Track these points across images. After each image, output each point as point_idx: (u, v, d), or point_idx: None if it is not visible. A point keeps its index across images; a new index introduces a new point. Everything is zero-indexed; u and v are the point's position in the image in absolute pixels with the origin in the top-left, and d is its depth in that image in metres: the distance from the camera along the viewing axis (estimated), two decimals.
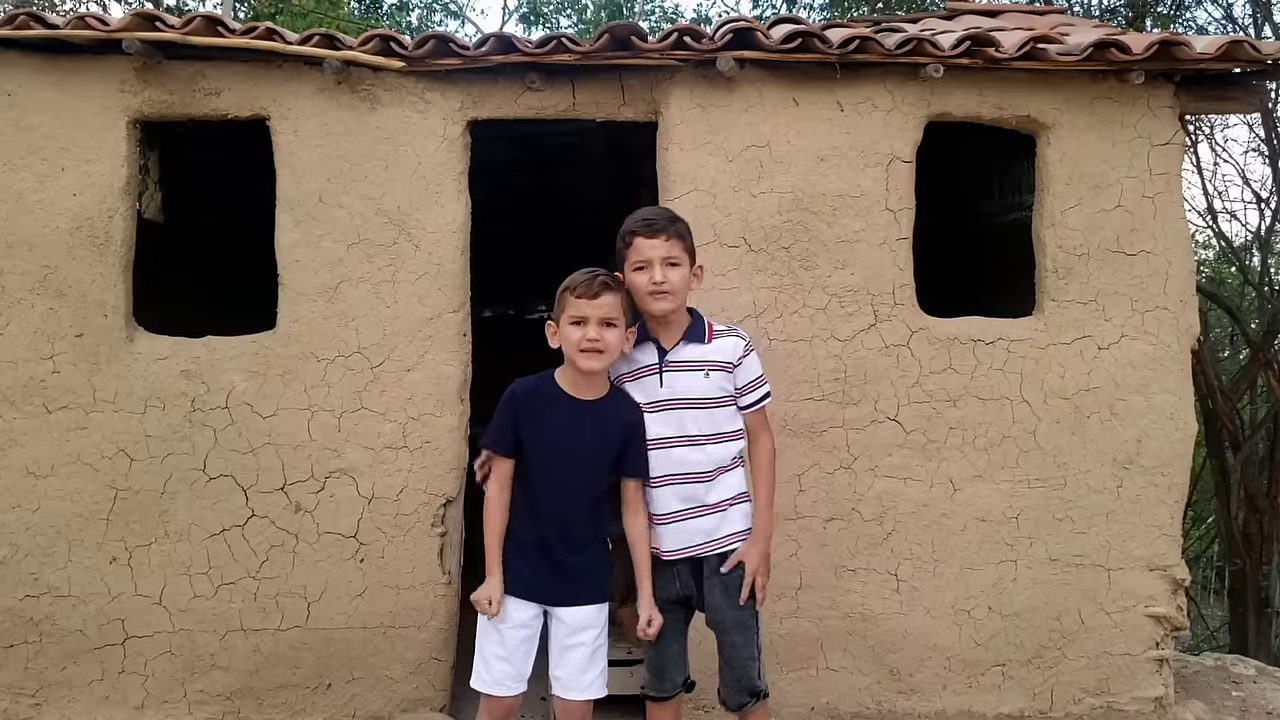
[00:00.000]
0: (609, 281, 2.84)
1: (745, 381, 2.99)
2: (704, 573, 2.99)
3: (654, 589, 3.01)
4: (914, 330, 4.03)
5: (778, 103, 3.99)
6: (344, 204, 3.93)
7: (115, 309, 3.90)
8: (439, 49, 3.83)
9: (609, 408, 2.93)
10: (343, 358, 3.92)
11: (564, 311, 2.85)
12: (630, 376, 3.00)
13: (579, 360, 2.83)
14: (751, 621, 2.99)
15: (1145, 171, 4.09)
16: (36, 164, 3.88)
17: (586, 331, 2.81)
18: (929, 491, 4.04)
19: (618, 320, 2.84)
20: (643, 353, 3.00)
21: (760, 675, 3.01)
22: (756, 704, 3.01)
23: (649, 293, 2.89)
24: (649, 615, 2.94)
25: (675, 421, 2.94)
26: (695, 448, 2.94)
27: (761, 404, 3.02)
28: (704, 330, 3.00)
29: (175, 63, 3.89)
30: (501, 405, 2.92)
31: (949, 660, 4.08)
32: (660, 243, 2.89)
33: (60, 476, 3.89)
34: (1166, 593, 4.14)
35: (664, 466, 2.95)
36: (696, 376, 2.95)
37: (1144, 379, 4.09)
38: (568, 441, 2.87)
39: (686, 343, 2.97)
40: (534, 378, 2.96)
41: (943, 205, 5.81)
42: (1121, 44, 3.88)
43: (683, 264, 2.93)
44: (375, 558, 3.94)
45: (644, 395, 2.98)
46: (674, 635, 3.05)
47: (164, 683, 3.93)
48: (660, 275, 2.87)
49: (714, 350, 2.97)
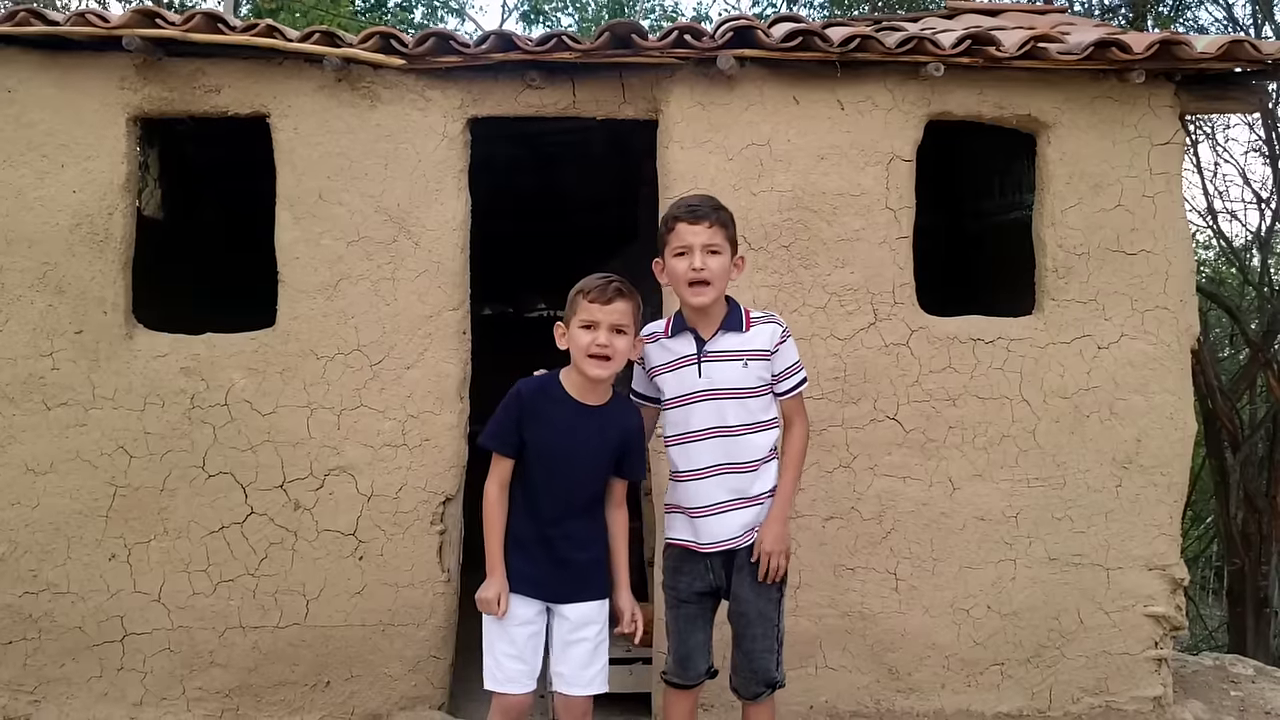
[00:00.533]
0: (622, 288, 2.82)
1: (782, 368, 2.97)
2: (735, 564, 2.99)
3: (684, 580, 3.02)
4: (914, 329, 4.03)
5: (778, 101, 3.99)
6: (344, 201, 3.92)
7: (115, 306, 3.90)
8: (439, 47, 3.83)
9: (611, 414, 2.93)
10: (342, 355, 3.92)
11: (575, 314, 2.83)
12: (668, 367, 2.99)
13: (586, 366, 2.82)
14: (774, 614, 2.99)
15: (1145, 171, 4.09)
16: (36, 160, 3.88)
17: (597, 337, 2.79)
18: (928, 490, 4.04)
19: (628, 327, 2.83)
20: (681, 343, 2.98)
21: (778, 666, 3.02)
22: (769, 694, 3.03)
23: (688, 281, 2.88)
24: (631, 611, 2.95)
25: (715, 412, 2.93)
26: (735, 438, 2.93)
27: (797, 390, 3.00)
28: (742, 319, 2.98)
29: (175, 60, 3.89)
30: (505, 404, 2.90)
31: (948, 659, 4.09)
32: (702, 229, 2.88)
33: (59, 473, 3.89)
34: (1165, 592, 4.14)
35: (708, 458, 2.94)
36: (735, 366, 2.93)
37: (1144, 378, 4.09)
38: (570, 444, 2.87)
39: (725, 332, 2.95)
40: (538, 378, 2.95)
41: (943, 204, 5.81)
42: (1122, 43, 3.88)
43: (723, 252, 2.91)
44: (374, 555, 3.94)
45: (682, 386, 2.96)
46: (700, 625, 3.05)
47: (163, 680, 3.93)
48: (700, 261, 2.86)
49: (752, 338, 2.95)
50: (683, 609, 3.05)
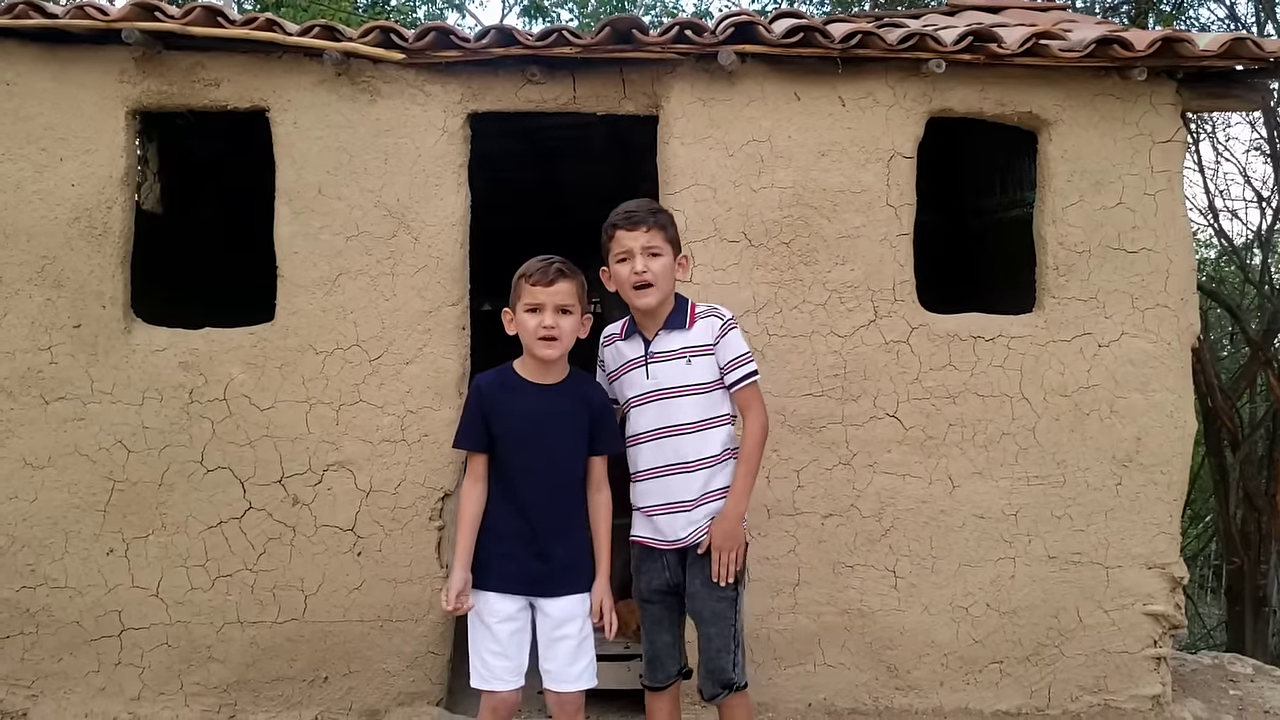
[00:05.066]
0: (564, 269, 2.86)
1: (726, 360, 2.98)
2: (688, 560, 3.00)
3: (644, 579, 3.04)
4: (914, 326, 4.02)
5: (779, 97, 3.98)
6: (343, 196, 3.92)
7: (113, 300, 3.89)
8: (439, 41, 3.82)
9: (572, 390, 2.95)
10: (341, 350, 3.92)
11: (520, 298, 2.88)
12: (621, 371, 3.04)
13: (536, 348, 2.86)
14: (729, 613, 2.97)
15: (1147, 169, 4.08)
16: (35, 154, 3.87)
17: (543, 319, 2.83)
18: (928, 488, 4.04)
19: (573, 307, 2.87)
20: (630, 346, 3.04)
21: (735, 668, 2.99)
22: (729, 695, 3.00)
23: (632, 285, 2.92)
24: (600, 599, 2.93)
25: (664, 412, 2.96)
26: (686, 436, 2.95)
27: (745, 382, 2.98)
28: (686, 316, 3.00)
29: (175, 53, 3.88)
30: (467, 403, 2.96)
31: (946, 657, 4.08)
32: (640, 234, 2.93)
33: (57, 468, 3.88)
34: (1165, 591, 4.13)
35: (656, 458, 2.97)
36: (679, 365, 2.96)
37: (1144, 377, 4.08)
38: (538, 427, 2.89)
39: (667, 331, 2.99)
40: (494, 371, 2.99)
41: (944, 201, 5.80)
42: (1124, 40, 3.87)
43: (665, 254, 2.95)
44: (373, 551, 3.93)
45: (634, 388, 3.01)
46: (666, 625, 3.07)
47: (160, 675, 3.93)
48: (641, 265, 2.91)
49: (694, 334, 2.98)
50: (647, 609, 3.08)
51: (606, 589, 2.98)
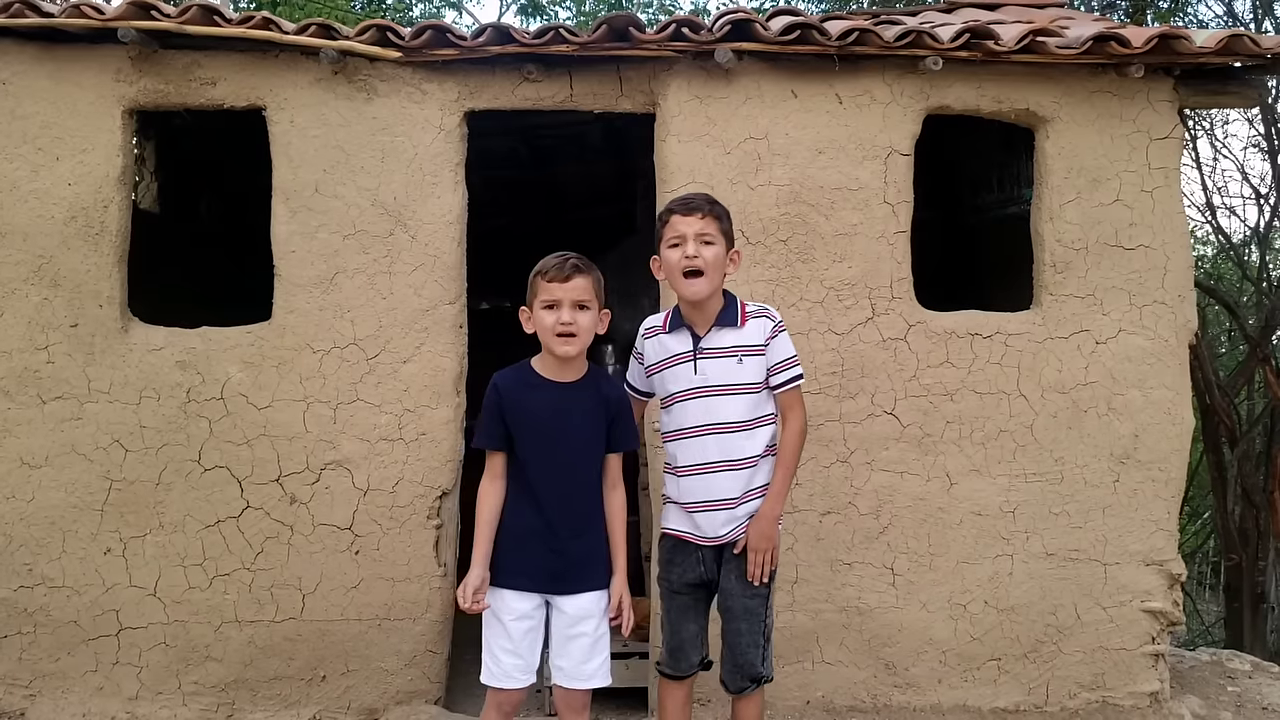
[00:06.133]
0: (580, 264, 2.84)
1: (775, 361, 2.96)
2: (723, 558, 3.00)
3: (676, 570, 3.03)
4: (911, 324, 4.02)
5: (776, 95, 3.98)
6: (340, 194, 3.91)
7: (110, 299, 3.88)
8: (436, 39, 3.81)
9: (590, 387, 2.93)
10: (338, 349, 3.91)
11: (536, 296, 2.85)
12: (664, 364, 3.00)
13: (555, 346, 2.83)
14: (760, 610, 2.98)
15: (1144, 166, 4.08)
16: (31, 153, 3.87)
17: (560, 315, 2.80)
18: (925, 485, 4.04)
19: (591, 303, 2.84)
20: (676, 340, 3.00)
21: (764, 662, 3.02)
22: (756, 688, 3.03)
23: (683, 271, 2.89)
24: (619, 594, 2.92)
25: (710, 408, 2.93)
26: (733, 434, 2.93)
27: (791, 384, 2.98)
28: (737, 314, 2.98)
29: (171, 52, 3.87)
30: (486, 401, 2.92)
31: (945, 654, 4.08)
32: (695, 220, 2.90)
33: (55, 467, 3.88)
34: (1163, 588, 4.14)
35: (699, 454, 2.95)
36: (730, 363, 2.94)
37: (1141, 374, 4.09)
38: (558, 425, 2.87)
39: (720, 328, 2.96)
40: (512, 369, 2.96)
41: (941, 198, 5.80)
42: (1121, 37, 3.87)
43: (718, 244, 2.92)
44: (370, 550, 3.93)
45: (678, 383, 2.97)
46: (693, 616, 3.06)
47: (158, 674, 3.93)
48: (694, 250, 2.87)
49: (746, 334, 2.96)
50: (675, 600, 3.06)
51: (625, 585, 2.96)
